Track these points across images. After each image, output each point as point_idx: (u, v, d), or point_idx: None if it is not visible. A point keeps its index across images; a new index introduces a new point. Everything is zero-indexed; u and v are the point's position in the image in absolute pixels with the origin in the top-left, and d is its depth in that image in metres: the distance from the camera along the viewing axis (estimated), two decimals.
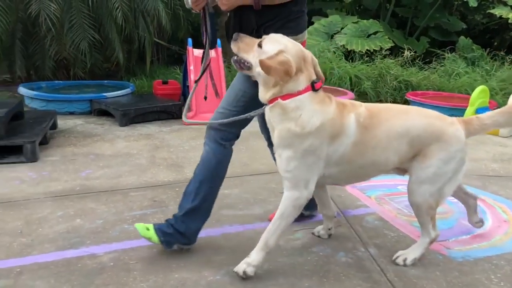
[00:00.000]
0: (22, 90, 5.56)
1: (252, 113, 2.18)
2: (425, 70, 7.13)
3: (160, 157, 3.95)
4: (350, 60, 7.23)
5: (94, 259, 2.28)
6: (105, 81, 6.50)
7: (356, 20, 8.43)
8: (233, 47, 2.08)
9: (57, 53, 6.14)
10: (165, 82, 6.29)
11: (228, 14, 2.31)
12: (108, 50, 6.49)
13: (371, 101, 6.56)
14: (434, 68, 7.30)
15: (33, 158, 3.68)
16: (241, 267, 2.14)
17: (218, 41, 5.98)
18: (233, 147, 2.36)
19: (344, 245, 2.49)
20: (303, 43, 2.25)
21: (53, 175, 3.44)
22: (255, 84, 2.12)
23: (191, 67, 5.48)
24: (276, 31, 2.12)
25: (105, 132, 4.70)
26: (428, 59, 7.62)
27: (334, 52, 7.25)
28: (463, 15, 9.69)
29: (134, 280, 2.12)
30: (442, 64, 7.42)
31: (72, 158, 3.83)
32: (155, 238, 2.27)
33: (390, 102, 6.60)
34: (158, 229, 2.29)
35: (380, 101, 6.59)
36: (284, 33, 2.12)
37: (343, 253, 2.40)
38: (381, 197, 3.17)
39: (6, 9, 5.57)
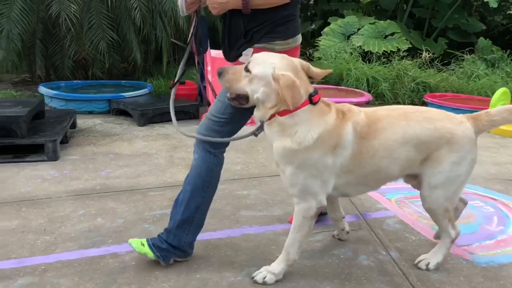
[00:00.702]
0: (42, 89, 5.64)
1: (249, 133, 2.14)
2: (443, 72, 7.05)
3: (178, 157, 3.97)
4: (367, 61, 7.18)
5: (116, 258, 2.30)
6: (123, 81, 6.56)
7: (373, 21, 8.37)
8: (223, 83, 1.99)
9: (76, 53, 6.22)
10: (182, 83, 6.31)
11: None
12: (126, 50, 6.55)
13: (388, 103, 6.51)
14: (453, 69, 7.21)
15: (54, 157, 3.73)
16: (261, 275, 2.13)
17: None
18: (231, 151, 2.31)
19: (365, 248, 2.47)
20: (295, 49, 2.19)
21: (73, 174, 3.48)
22: None
23: (208, 68, 5.50)
24: (265, 35, 2.09)
25: (124, 132, 4.74)
26: (446, 61, 7.53)
27: (351, 53, 7.20)
28: (482, 16, 9.55)
29: (156, 280, 2.13)
30: (461, 65, 7.33)
31: (92, 157, 3.88)
32: (151, 254, 2.20)
33: (408, 104, 6.55)
34: (153, 244, 2.21)
35: (398, 103, 6.53)
36: (272, 38, 2.09)
37: (364, 256, 2.38)
38: (401, 200, 3.14)
39: (28, 10, 5.66)
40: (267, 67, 1.90)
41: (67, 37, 6.04)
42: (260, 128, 2.09)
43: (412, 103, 6.60)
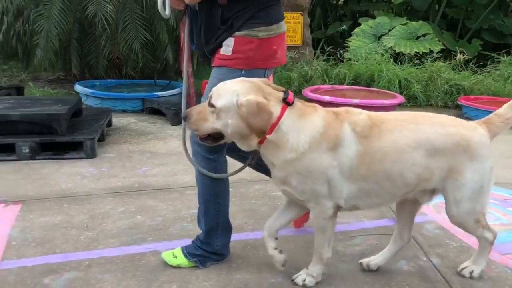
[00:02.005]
0: (78, 87, 5.78)
1: (244, 165, 2.11)
2: (478, 74, 6.87)
3: None
4: (399, 63, 7.07)
5: (157, 256, 2.34)
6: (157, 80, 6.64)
7: (404, 22, 8.23)
8: (190, 126, 1.90)
9: (110, 53, 6.34)
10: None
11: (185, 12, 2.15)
12: (158, 50, 6.64)
13: (420, 105, 6.40)
14: (488, 72, 7.02)
15: (92, 154, 3.82)
16: (300, 277, 2.12)
17: None
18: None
19: (404, 253, 2.43)
20: (280, 36, 2.10)
21: (111, 171, 3.56)
22: None
23: None
24: (246, 21, 2.00)
25: (158, 131, 4.81)
26: (481, 63, 7.33)
27: (383, 55, 7.10)
28: None
29: (197, 279, 2.16)
30: (497, 68, 7.12)
31: (128, 155, 3.95)
32: (185, 263, 2.23)
33: (441, 107, 6.42)
34: (188, 254, 2.24)
35: (430, 105, 6.41)
36: (255, 24, 2.01)
37: (405, 262, 2.35)
38: (440, 205, 3.07)
39: (66, 11, 5.81)
40: (230, 97, 1.82)
41: (102, 37, 6.16)
42: (253, 157, 2.05)
43: (446, 105, 6.47)
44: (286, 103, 1.88)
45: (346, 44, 7.91)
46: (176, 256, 2.26)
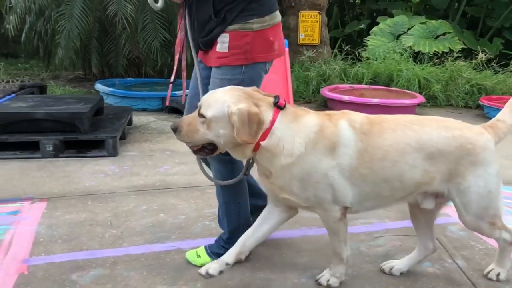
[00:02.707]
0: (99, 86, 5.85)
1: (240, 175, 2.06)
2: (500, 74, 6.76)
3: None
4: (418, 62, 6.99)
5: (181, 254, 2.36)
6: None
7: (424, 21, 8.14)
8: (181, 138, 1.86)
9: (130, 52, 6.41)
10: None
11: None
12: None
13: (440, 105, 6.32)
14: (511, 71, 6.89)
15: (114, 152, 3.86)
16: (324, 278, 2.11)
17: (286, 41, 5.99)
18: None
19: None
20: (275, 27, 2.07)
21: (133, 169, 3.60)
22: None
23: None
24: (239, 14, 1.97)
25: None
26: (503, 62, 7.21)
27: (402, 54, 7.03)
28: None
29: (221, 278, 2.15)
30: None
31: (150, 154, 3.99)
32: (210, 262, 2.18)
33: (462, 107, 6.34)
34: (212, 253, 2.24)
35: (451, 105, 6.33)
36: (248, 16, 1.97)
37: (429, 263, 2.33)
38: None
39: (87, 10, 5.89)
40: (221, 106, 1.78)
41: (122, 36, 6.24)
42: (249, 166, 2.00)
43: (466, 106, 6.38)
44: (278, 107, 1.83)
45: (364, 43, 7.85)
46: (200, 256, 2.28)
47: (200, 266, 2.20)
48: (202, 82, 2.15)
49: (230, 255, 2.01)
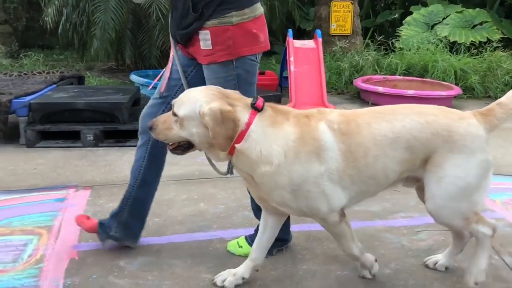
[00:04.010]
0: (134, 77, 5.95)
1: (226, 172, 2.00)
2: None
3: None
4: (454, 53, 6.81)
5: (223, 244, 2.40)
6: None
7: (460, 9, 7.92)
8: (156, 136, 1.84)
9: (163, 43, 6.48)
10: (262, 73, 6.37)
11: None
12: None
13: (478, 97, 6.15)
14: None
15: None
16: (365, 273, 2.11)
17: (319, 31, 5.93)
18: None
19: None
20: (256, 20, 2.02)
21: (171, 159, 3.57)
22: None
23: (291, 58, 5.50)
24: (217, 8, 1.92)
25: None
26: None
27: (437, 45, 6.86)
28: None
29: (264, 268, 2.19)
30: None
31: None
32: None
33: None
34: (253, 242, 2.20)
35: (489, 97, 6.14)
36: (226, 9, 1.92)
37: None
38: (508, 202, 2.97)
39: (123, 2, 5.98)
40: (193, 105, 1.74)
41: (156, 28, 6.31)
42: (230, 164, 1.90)
43: None
44: (255, 108, 1.76)
45: (396, 33, 7.70)
46: (241, 246, 2.31)
47: (244, 256, 2.24)
48: (182, 70, 2.13)
49: (246, 270, 2.05)
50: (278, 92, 5.94)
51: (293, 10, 7.75)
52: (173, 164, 3.53)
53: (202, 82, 2.06)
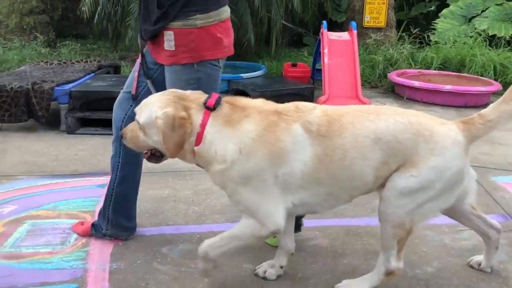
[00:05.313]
0: None
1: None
2: None
3: None
4: (493, 47, 6.59)
5: None
6: (237, 62, 6.73)
7: (500, 2, 7.64)
8: (127, 144, 1.87)
9: None
10: (293, 65, 6.34)
11: None
12: (240, 31, 6.70)
13: None
14: None
15: None
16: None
17: (354, 24, 5.84)
18: None
19: None
20: (223, 22, 1.99)
21: None
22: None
23: (326, 50, 5.44)
24: (181, 10, 1.90)
25: None
26: None
27: (475, 38, 6.65)
28: None
29: (304, 261, 2.21)
30: None
31: None
32: None
33: None
34: None
35: None
36: (191, 12, 1.91)
37: None
38: None
39: None
40: (149, 112, 1.74)
41: None
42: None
43: None
44: (206, 108, 1.73)
45: (432, 26, 7.50)
46: (275, 236, 2.29)
47: (276, 246, 2.23)
48: (148, 68, 2.12)
49: (282, 258, 2.08)
50: (311, 84, 5.90)
51: (325, 1, 7.64)
52: None
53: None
